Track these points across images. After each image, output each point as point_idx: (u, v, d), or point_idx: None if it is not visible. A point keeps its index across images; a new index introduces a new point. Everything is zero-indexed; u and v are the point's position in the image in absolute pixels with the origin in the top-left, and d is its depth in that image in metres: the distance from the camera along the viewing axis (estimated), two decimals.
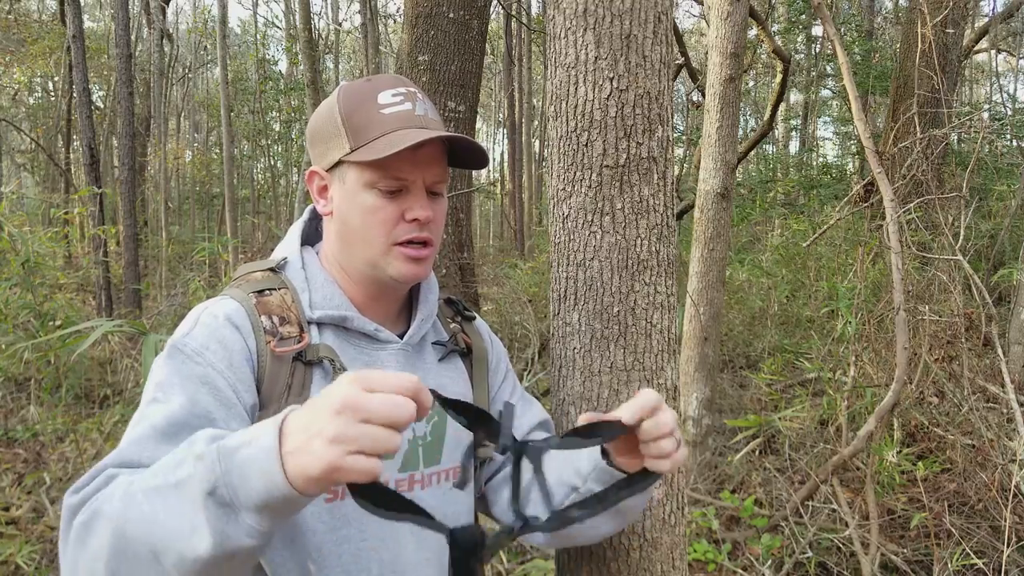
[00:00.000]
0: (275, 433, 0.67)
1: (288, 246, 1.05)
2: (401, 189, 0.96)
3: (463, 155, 1.03)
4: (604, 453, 0.94)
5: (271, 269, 1.01)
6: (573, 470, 0.98)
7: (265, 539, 0.69)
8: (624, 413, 0.83)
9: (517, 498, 0.84)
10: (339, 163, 0.98)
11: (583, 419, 0.86)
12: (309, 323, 0.98)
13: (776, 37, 8.90)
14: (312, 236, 1.09)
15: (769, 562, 2.86)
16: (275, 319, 0.95)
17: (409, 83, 1.00)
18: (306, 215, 1.09)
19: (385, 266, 0.97)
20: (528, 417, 1.13)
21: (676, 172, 5.84)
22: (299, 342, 0.94)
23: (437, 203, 1.00)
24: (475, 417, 0.81)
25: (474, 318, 1.17)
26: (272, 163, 19.83)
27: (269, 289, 0.98)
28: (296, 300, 0.98)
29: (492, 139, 33.19)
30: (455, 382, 1.07)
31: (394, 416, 0.64)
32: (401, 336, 1.03)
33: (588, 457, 0.96)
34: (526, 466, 0.87)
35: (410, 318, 1.07)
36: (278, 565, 0.93)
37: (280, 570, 0.93)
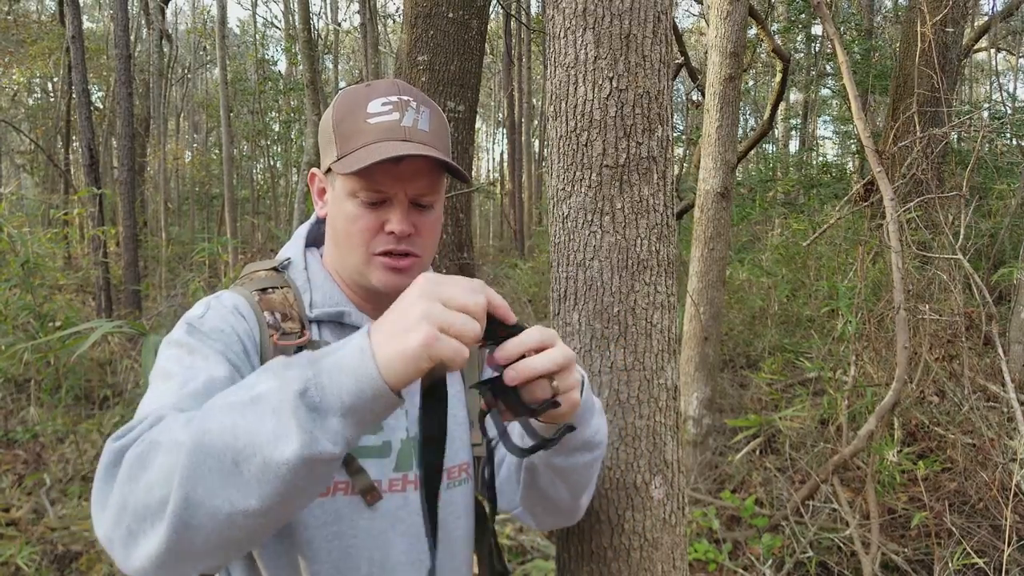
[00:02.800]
0: (364, 334, 0.70)
1: (293, 246, 1.07)
2: (383, 200, 0.96)
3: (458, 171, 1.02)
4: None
5: (274, 268, 1.03)
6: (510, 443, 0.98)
7: (347, 448, 0.70)
8: (507, 374, 0.80)
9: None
10: (330, 168, 0.99)
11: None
12: (310, 322, 0.99)
13: (776, 36, 8.90)
14: (319, 238, 1.09)
15: (770, 562, 2.86)
16: (277, 315, 0.97)
17: (407, 91, 0.99)
18: (314, 217, 1.10)
19: (368, 274, 0.98)
20: None
21: (676, 172, 5.83)
22: (301, 337, 0.96)
23: (424, 215, 0.98)
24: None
25: None
26: (271, 163, 19.84)
27: (272, 287, 1.00)
28: (298, 299, 0.99)
29: (492, 139, 33.22)
30: (448, 381, 1.07)
31: (469, 304, 0.69)
32: None
33: (516, 430, 0.97)
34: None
35: None
36: (270, 558, 0.93)
37: (272, 563, 0.93)
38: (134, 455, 0.73)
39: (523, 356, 0.78)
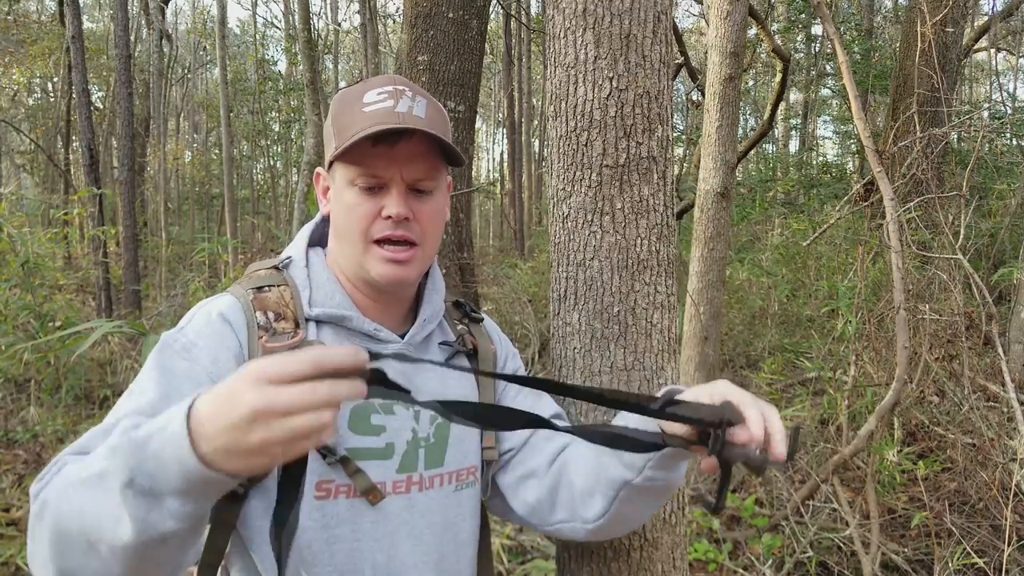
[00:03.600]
0: (183, 419, 0.64)
1: (295, 245, 1.07)
2: (381, 186, 0.96)
3: (450, 151, 1.00)
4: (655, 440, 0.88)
5: (275, 267, 1.03)
6: (620, 466, 0.94)
7: (194, 520, 0.69)
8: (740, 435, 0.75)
9: None
10: (332, 163, 1.00)
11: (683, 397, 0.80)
12: (307, 320, 0.98)
13: (776, 36, 8.89)
14: (324, 238, 1.09)
15: (770, 562, 2.86)
16: (270, 315, 0.96)
17: (402, 82, 0.99)
18: (319, 217, 1.10)
19: (368, 267, 0.97)
20: (537, 411, 1.09)
21: (676, 171, 5.83)
22: (293, 338, 0.95)
23: (423, 202, 0.97)
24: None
25: (481, 320, 1.16)
26: (271, 163, 19.84)
27: (269, 286, 0.99)
28: (295, 297, 0.98)
29: (492, 139, 33.21)
30: (461, 382, 1.07)
31: (317, 403, 0.60)
32: (403, 337, 1.03)
33: (639, 454, 0.91)
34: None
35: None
36: (270, 562, 0.92)
37: (271, 567, 0.92)
38: (33, 514, 0.76)
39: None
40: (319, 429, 0.61)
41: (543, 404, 1.12)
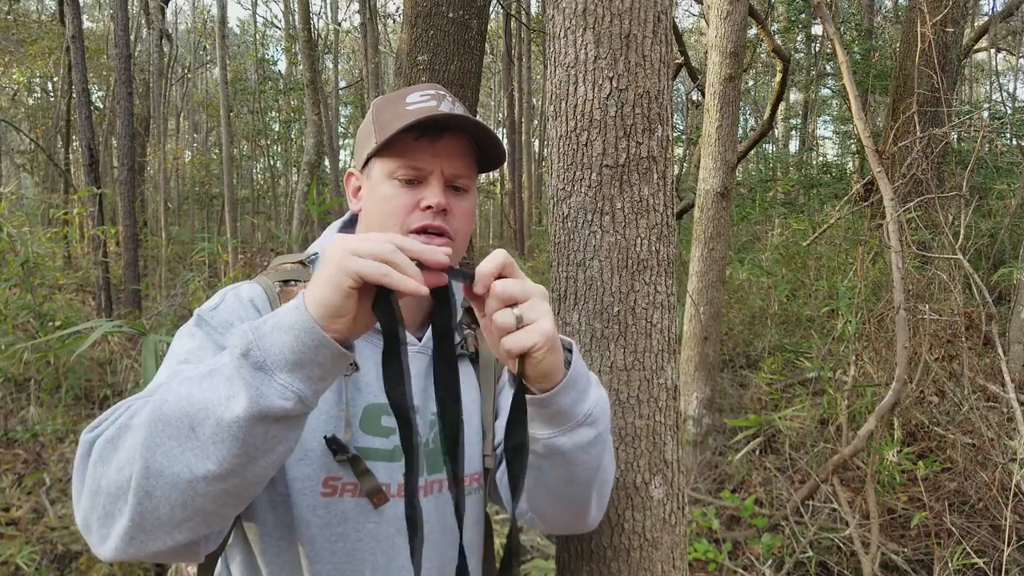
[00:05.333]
0: (300, 296, 0.72)
1: (322, 242, 1.08)
2: (420, 180, 0.98)
3: (487, 151, 1.03)
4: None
5: (301, 262, 1.04)
6: (549, 425, 0.94)
7: (299, 404, 0.71)
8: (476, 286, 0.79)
9: None
10: (368, 160, 1.01)
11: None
12: None
13: (776, 36, 8.89)
14: None
15: (769, 561, 2.86)
16: None
17: (443, 90, 1.03)
18: (347, 215, 1.12)
19: None
20: None
21: (676, 171, 5.83)
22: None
23: (459, 198, 1.00)
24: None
25: None
26: (271, 163, 19.83)
27: (295, 280, 1.01)
28: None
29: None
30: (465, 387, 1.06)
31: (379, 250, 0.70)
32: (420, 340, 1.04)
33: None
34: None
35: None
36: (270, 556, 0.93)
37: (272, 561, 0.93)
38: (104, 440, 0.76)
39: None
40: (375, 264, 0.69)
41: None
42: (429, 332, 1.03)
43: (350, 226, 1.10)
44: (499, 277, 0.79)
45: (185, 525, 0.74)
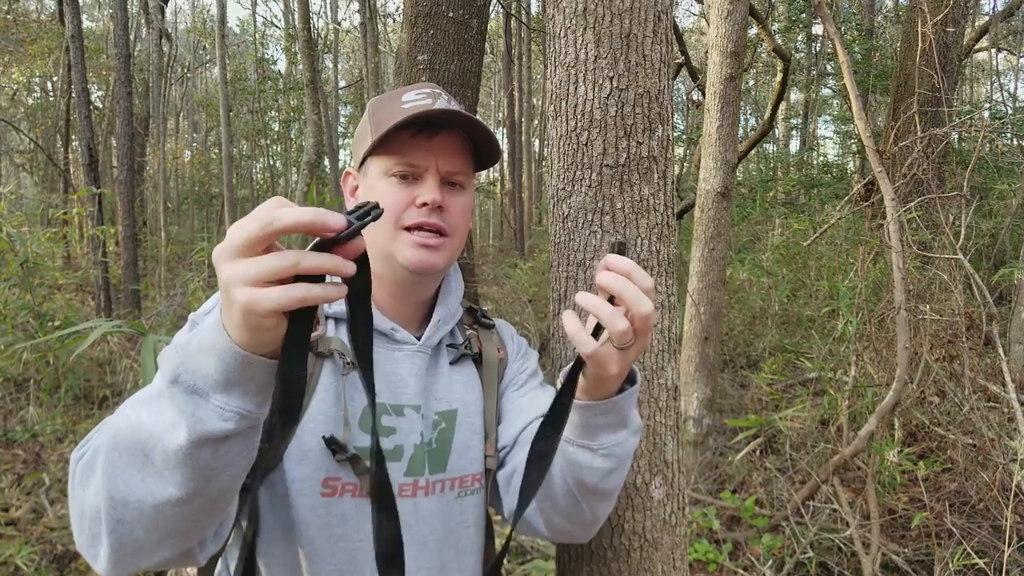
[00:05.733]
0: (217, 312, 0.67)
1: None
2: (416, 176, 0.98)
3: (482, 153, 1.03)
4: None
5: None
6: (571, 430, 0.92)
7: (243, 421, 0.68)
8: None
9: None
10: (365, 159, 1.02)
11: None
12: (327, 318, 0.98)
13: (776, 36, 8.88)
14: None
15: (770, 562, 2.86)
16: None
17: (439, 88, 1.03)
18: None
19: (395, 254, 0.98)
20: (537, 409, 1.07)
21: (676, 171, 5.83)
22: (314, 332, 0.95)
23: (455, 194, 1.00)
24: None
25: (492, 326, 1.15)
26: (271, 163, 19.83)
27: None
28: None
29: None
30: (467, 387, 1.06)
31: (254, 234, 0.62)
32: (419, 339, 1.03)
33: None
34: None
35: None
36: (270, 556, 0.93)
37: (274, 561, 0.93)
38: (83, 464, 0.76)
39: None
40: (286, 294, 0.61)
41: (543, 402, 1.10)
42: (428, 330, 1.03)
43: None
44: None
45: (165, 543, 0.74)
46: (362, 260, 0.66)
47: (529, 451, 0.89)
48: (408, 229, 0.97)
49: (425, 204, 0.96)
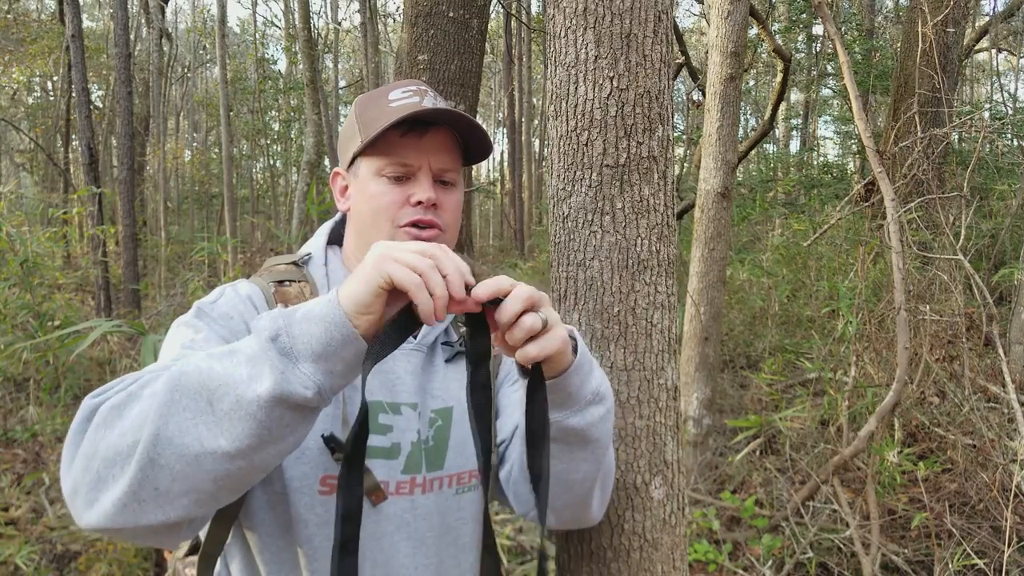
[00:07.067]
0: (334, 291, 0.74)
1: (314, 243, 1.09)
2: (408, 176, 0.99)
3: (472, 148, 1.05)
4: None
5: (294, 263, 1.05)
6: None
7: (318, 396, 0.72)
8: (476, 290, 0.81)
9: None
10: (354, 159, 1.02)
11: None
12: None
13: (776, 36, 8.88)
14: (341, 237, 1.11)
15: (770, 562, 2.86)
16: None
17: (424, 85, 1.04)
18: (338, 216, 1.12)
19: None
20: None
21: (676, 171, 5.83)
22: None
23: (447, 192, 1.01)
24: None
25: None
26: (271, 163, 19.83)
27: (289, 280, 1.02)
28: (314, 294, 1.01)
29: (492, 138, 33.22)
30: (463, 385, 1.06)
31: (416, 263, 0.72)
32: (415, 337, 1.04)
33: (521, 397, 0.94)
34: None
35: None
36: (269, 555, 0.93)
37: (273, 559, 0.93)
38: (110, 405, 0.75)
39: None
40: (410, 274, 0.71)
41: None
42: (424, 330, 1.04)
43: (341, 226, 1.10)
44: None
45: (179, 501, 0.73)
46: (475, 325, 0.82)
47: (531, 473, 0.89)
48: (403, 227, 0.98)
49: (420, 203, 0.97)
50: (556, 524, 1.04)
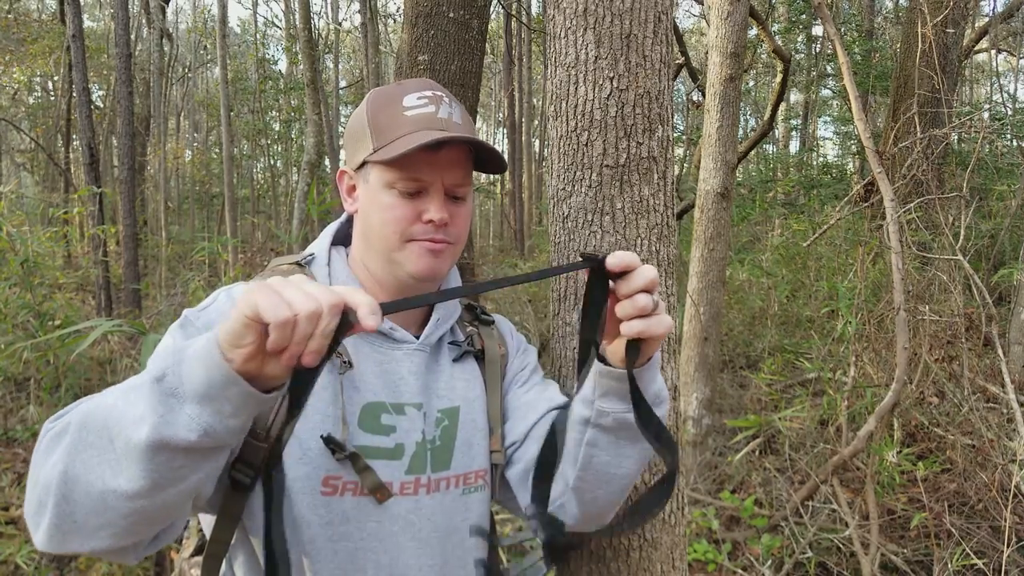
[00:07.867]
0: (214, 333, 0.69)
1: (319, 243, 1.08)
2: (420, 191, 0.97)
3: (486, 159, 1.03)
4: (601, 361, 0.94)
5: (297, 263, 1.04)
6: (579, 403, 0.97)
7: (206, 438, 0.69)
8: (609, 259, 0.86)
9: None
10: (364, 163, 1.00)
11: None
12: None
13: (776, 37, 8.89)
14: (347, 238, 1.10)
15: (769, 562, 2.86)
16: None
17: (438, 87, 1.02)
18: (344, 216, 1.11)
19: (402, 262, 0.98)
20: (543, 404, 1.08)
21: (676, 172, 5.83)
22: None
23: (457, 207, 1.01)
24: None
25: (491, 322, 1.15)
26: (272, 163, 19.84)
27: None
28: None
29: (492, 139, 33.19)
30: (469, 384, 1.07)
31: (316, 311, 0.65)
32: (418, 337, 1.03)
33: (588, 381, 0.95)
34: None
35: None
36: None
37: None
38: (52, 434, 0.77)
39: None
40: (279, 305, 0.64)
41: (549, 396, 1.10)
42: (427, 328, 1.04)
43: (347, 226, 1.10)
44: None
45: (99, 534, 0.74)
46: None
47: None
48: (413, 242, 0.98)
49: (431, 221, 0.97)
50: (575, 523, 1.04)
